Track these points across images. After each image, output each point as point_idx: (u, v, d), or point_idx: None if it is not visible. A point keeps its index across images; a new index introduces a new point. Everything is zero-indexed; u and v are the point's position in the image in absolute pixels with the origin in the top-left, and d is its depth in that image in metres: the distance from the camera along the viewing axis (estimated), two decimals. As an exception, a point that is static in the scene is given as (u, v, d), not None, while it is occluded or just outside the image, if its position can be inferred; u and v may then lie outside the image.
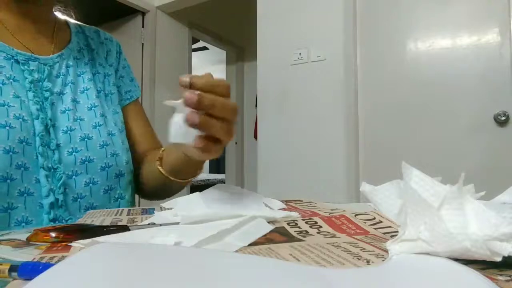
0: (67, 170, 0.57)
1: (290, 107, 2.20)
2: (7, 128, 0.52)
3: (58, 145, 0.58)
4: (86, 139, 0.60)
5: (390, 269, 0.22)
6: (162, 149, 0.64)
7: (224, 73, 4.34)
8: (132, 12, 3.08)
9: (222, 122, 0.41)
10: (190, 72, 3.42)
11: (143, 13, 3.11)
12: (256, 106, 3.07)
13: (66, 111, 0.61)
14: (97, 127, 0.63)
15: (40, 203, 0.54)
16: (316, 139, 2.10)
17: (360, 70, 2.05)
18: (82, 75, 0.67)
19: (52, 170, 0.56)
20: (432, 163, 1.74)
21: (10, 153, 0.52)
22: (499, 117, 1.72)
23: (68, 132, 0.59)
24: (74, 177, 0.58)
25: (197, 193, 0.47)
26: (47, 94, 0.60)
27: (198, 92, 0.39)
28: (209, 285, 0.18)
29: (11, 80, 0.56)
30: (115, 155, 0.63)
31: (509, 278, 0.21)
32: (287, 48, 2.21)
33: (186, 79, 0.39)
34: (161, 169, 0.61)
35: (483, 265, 0.23)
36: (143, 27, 3.11)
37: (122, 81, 0.76)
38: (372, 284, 0.20)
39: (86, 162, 0.59)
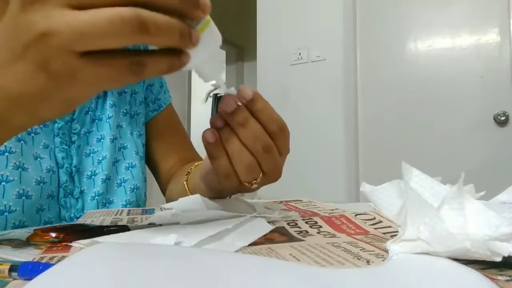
0: None
1: (290, 107, 2.20)
2: (41, 184, 0.51)
3: (82, 192, 0.56)
4: (106, 180, 0.58)
5: (390, 269, 0.22)
6: (196, 164, 0.55)
7: (224, 73, 4.34)
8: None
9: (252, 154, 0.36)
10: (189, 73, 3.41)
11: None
12: (256, 106, 3.06)
13: (91, 154, 0.59)
14: (115, 163, 0.60)
15: None
16: (316, 139, 2.10)
17: (360, 70, 2.05)
18: (106, 101, 0.62)
19: (75, 219, 0.54)
20: (432, 163, 1.74)
21: (40, 212, 0.51)
22: (498, 117, 1.72)
23: (92, 177, 0.57)
24: None
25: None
26: (74, 137, 0.57)
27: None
28: (209, 285, 0.18)
29: (41, 126, 0.54)
30: (135, 189, 0.61)
31: (509, 278, 0.21)
32: (287, 48, 2.21)
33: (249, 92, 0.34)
34: (186, 185, 0.53)
35: (483, 265, 0.23)
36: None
37: (151, 90, 0.70)
38: (372, 284, 0.20)
39: (107, 204, 0.58)
